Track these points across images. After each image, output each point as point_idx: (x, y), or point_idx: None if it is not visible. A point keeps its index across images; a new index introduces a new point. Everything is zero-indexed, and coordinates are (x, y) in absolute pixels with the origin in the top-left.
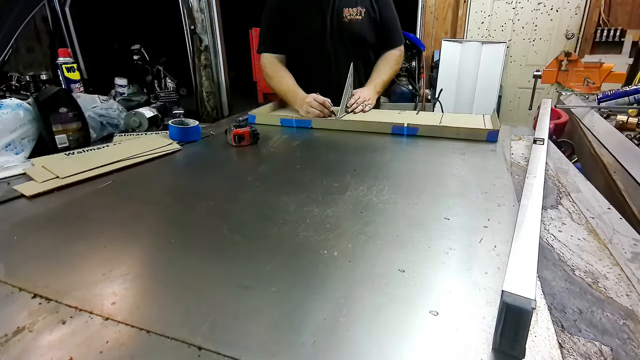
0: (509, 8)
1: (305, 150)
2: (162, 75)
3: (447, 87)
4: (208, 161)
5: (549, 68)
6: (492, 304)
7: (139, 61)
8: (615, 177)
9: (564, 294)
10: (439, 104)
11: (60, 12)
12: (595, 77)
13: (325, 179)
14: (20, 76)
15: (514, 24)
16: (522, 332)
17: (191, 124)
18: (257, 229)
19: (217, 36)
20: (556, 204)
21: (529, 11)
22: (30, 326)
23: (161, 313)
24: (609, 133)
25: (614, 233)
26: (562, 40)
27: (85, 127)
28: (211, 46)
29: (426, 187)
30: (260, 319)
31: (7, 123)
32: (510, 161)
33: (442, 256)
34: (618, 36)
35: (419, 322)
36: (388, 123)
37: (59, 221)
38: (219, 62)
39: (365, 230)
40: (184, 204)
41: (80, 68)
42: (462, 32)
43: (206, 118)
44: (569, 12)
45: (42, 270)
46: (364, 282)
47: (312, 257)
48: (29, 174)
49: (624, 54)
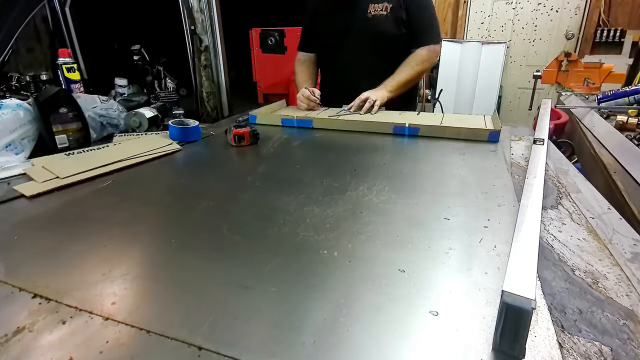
0: (509, 8)
1: (305, 150)
2: (162, 76)
3: (447, 87)
4: (208, 161)
5: (549, 68)
6: (492, 304)
7: (139, 61)
8: (615, 177)
9: (564, 294)
10: (439, 104)
11: (60, 12)
12: (595, 78)
13: (325, 179)
14: (20, 76)
15: (514, 24)
16: (522, 332)
17: (191, 124)
18: (257, 229)
19: (217, 36)
20: (556, 204)
21: (529, 11)
22: (30, 326)
23: (161, 313)
24: (609, 133)
25: (614, 233)
26: (562, 41)
27: (85, 127)
28: (211, 46)
29: (426, 187)
30: (260, 319)
31: (7, 123)
32: (510, 161)
33: (442, 256)
34: (618, 36)
35: (419, 322)
36: (389, 123)
37: (59, 221)
38: (219, 62)
39: (365, 230)
40: (184, 204)
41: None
42: (462, 33)
43: (206, 118)
44: (569, 13)
45: (42, 270)
46: (364, 282)
47: (312, 257)
48: (29, 174)
49: (624, 54)
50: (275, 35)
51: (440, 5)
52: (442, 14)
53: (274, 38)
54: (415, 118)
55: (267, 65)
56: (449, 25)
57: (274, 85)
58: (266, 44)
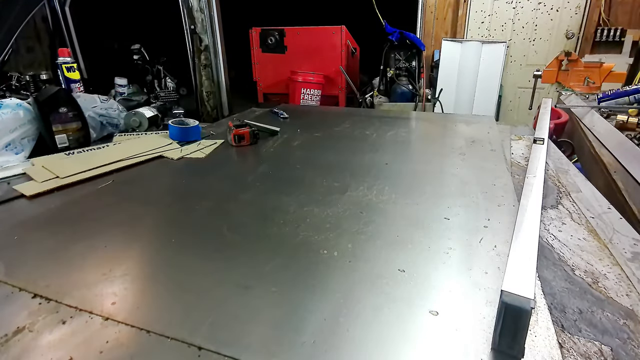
0: (509, 8)
1: (305, 150)
2: (162, 75)
3: (447, 87)
4: (208, 161)
5: (549, 68)
6: (492, 303)
7: (139, 61)
8: (615, 177)
9: (564, 294)
10: (439, 104)
11: (60, 11)
12: (596, 77)
13: (325, 179)
14: (20, 76)
15: (514, 23)
16: (521, 331)
17: (191, 123)
18: (257, 229)
19: (217, 36)
20: (556, 203)
21: (529, 11)
22: (30, 326)
23: (161, 313)
24: (609, 133)
25: (614, 233)
26: (562, 40)
27: (85, 127)
28: (211, 46)
29: (426, 187)
30: (261, 319)
31: (7, 123)
32: (510, 161)
33: (442, 256)
34: (618, 36)
35: (419, 322)
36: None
37: (59, 221)
38: (219, 62)
39: (365, 230)
40: (184, 204)
41: (80, 68)
42: (462, 32)
43: (206, 118)
44: (569, 12)
45: (42, 270)
46: (364, 282)
47: (312, 257)
48: (29, 174)
49: (624, 53)
50: (275, 34)
51: (440, 5)
52: (442, 13)
53: (274, 37)
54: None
55: (267, 64)
56: (449, 25)
57: (274, 85)
58: (266, 44)
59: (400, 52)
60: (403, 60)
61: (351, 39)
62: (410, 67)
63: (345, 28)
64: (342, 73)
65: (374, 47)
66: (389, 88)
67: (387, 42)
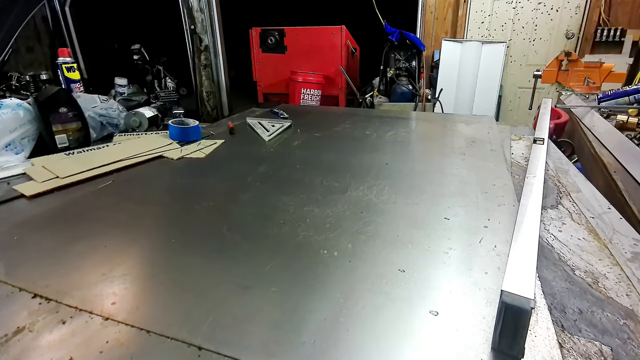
0: (509, 8)
1: (305, 150)
2: (162, 75)
3: (447, 87)
4: (208, 161)
5: (549, 68)
6: (492, 304)
7: (139, 61)
8: (615, 177)
9: (564, 294)
10: (439, 104)
11: (60, 12)
12: (596, 77)
13: (325, 179)
14: (20, 76)
15: (514, 23)
16: (521, 331)
17: (191, 123)
18: (257, 229)
19: (217, 36)
20: (556, 203)
21: (529, 11)
22: (30, 326)
23: (161, 313)
24: (609, 133)
25: (614, 233)
26: (562, 40)
27: (85, 127)
28: (211, 46)
29: (426, 187)
30: (260, 319)
31: (7, 123)
32: (510, 161)
33: (442, 256)
34: (618, 36)
35: (419, 322)
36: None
37: (59, 221)
38: (219, 62)
39: (365, 230)
40: (184, 204)
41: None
42: (462, 32)
43: (206, 118)
44: (569, 12)
45: (42, 270)
46: (364, 282)
47: (312, 257)
48: (29, 174)
49: (624, 53)
50: (275, 34)
51: (440, 5)
52: (442, 13)
53: (274, 37)
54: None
55: (267, 64)
56: (449, 25)
57: (274, 85)
58: (266, 44)
59: (400, 52)
60: (403, 60)
61: (351, 39)
62: (410, 67)
63: (345, 28)
64: (342, 73)
65: (374, 47)
66: (389, 88)
67: (387, 42)
